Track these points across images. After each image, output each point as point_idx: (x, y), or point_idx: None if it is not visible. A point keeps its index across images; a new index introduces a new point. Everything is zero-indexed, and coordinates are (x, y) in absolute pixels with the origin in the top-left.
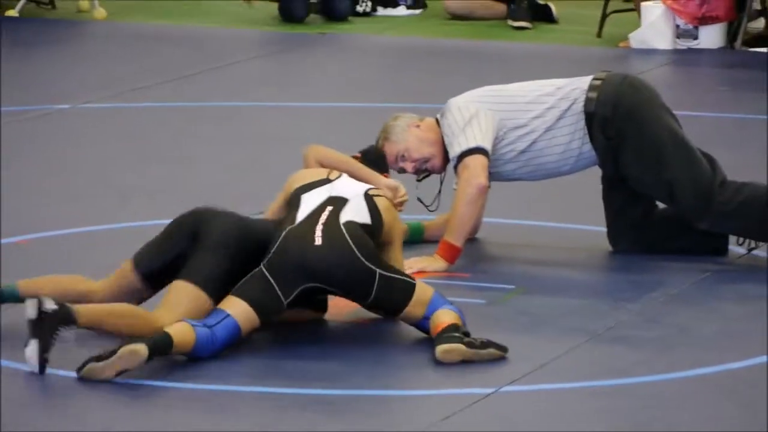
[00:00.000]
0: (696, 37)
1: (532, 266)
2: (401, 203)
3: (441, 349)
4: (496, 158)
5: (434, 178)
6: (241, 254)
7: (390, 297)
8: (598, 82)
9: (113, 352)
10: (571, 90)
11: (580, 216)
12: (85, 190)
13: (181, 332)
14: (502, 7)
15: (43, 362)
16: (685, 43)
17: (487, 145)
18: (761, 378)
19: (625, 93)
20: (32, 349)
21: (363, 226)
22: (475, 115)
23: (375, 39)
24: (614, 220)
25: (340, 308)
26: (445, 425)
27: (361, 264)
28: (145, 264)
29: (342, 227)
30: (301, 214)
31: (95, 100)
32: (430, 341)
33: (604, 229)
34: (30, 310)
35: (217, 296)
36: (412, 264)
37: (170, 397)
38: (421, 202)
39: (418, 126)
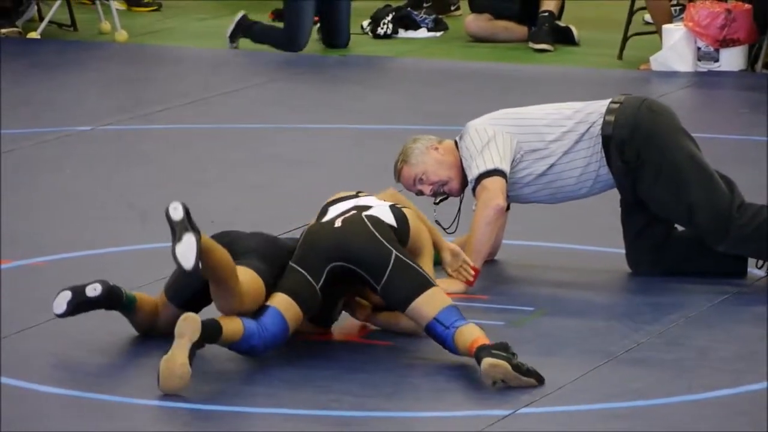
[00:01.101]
0: (717, 60)
1: (551, 288)
2: (460, 272)
3: (488, 362)
4: (514, 182)
5: (453, 201)
6: (275, 266)
7: (403, 282)
8: (616, 105)
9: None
10: (588, 113)
11: (599, 238)
12: (104, 212)
13: (229, 322)
14: (523, 30)
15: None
16: (706, 66)
17: (506, 167)
18: None
19: (644, 116)
20: (189, 245)
21: (387, 225)
22: (493, 138)
23: (396, 61)
24: (633, 243)
25: (352, 326)
26: None
27: (378, 241)
28: (178, 296)
29: (363, 217)
30: (325, 219)
31: (116, 122)
32: (446, 363)
33: (623, 251)
34: (176, 212)
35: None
36: None
37: (187, 417)
38: (439, 224)
39: (436, 149)
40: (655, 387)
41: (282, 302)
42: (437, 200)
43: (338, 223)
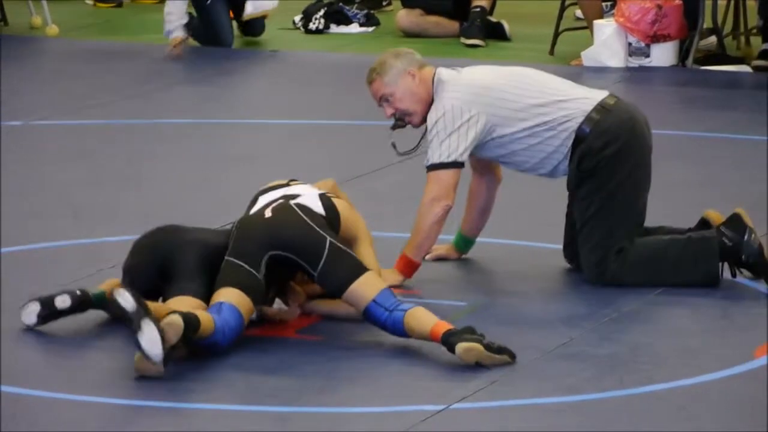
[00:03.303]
0: (648, 55)
1: (486, 283)
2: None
3: (462, 347)
4: (476, 146)
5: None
6: (214, 272)
7: (340, 267)
8: (602, 110)
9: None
10: (573, 108)
11: (533, 234)
12: (37, 208)
13: (204, 316)
14: (454, 25)
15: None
16: (637, 61)
17: (465, 157)
18: (713, 395)
19: (621, 135)
20: (151, 334)
21: (316, 213)
22: (466, 123)
23: (328, 56)
24: (573, 239)
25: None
26: None
27: (311, 228)
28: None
29: (292, 205)
30: (254, 209)
31: (48, 116)
32: (379, 358)
33: (559, 247)
34: (125, 301)
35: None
36: None
37: (120, 414)
38: (394, 147)
39: (413, 76)
40: (589, 382)
41: (233, 296)
42: (394, 125)
43: (268, 213)
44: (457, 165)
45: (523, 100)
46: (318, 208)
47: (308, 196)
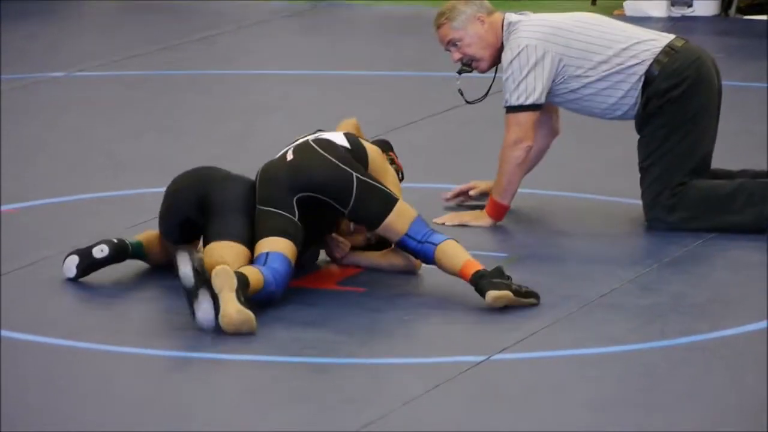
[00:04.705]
0: (690, 5)
1: (527, 235)
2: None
3: (492, 295)
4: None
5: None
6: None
7: (371, 202)
8: (670, 51)
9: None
10: (642, 50)
11: (579, 185)
12: (77, 159)
13: (250, 271)
14: None
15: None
16: (679, 11)
17: (543, 99)
18: (755, 345)
19: (688, 77)
20: (206, 305)
21: (339, 145)
22: (540, 60)
23: (369, 8)
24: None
25: (326, 274)
26: (435, 393)
27: (335, 166)
28: (164, 230)
29: (312, 143)
30: (279, 155)
31: (88, 68)
32: (419, 310)
33: (600, 198)
34: (184, 266)
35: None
36: (457, 217)
37: (162, 365)
38: (461, 94)
39: (483, 22)
40: (629, 332)
41: (276, 244)
42: (461, 70)
43: (290, 156)
44: (534, 107)
45: (595, 42)
46: (342, 141)
47: (331, 133)
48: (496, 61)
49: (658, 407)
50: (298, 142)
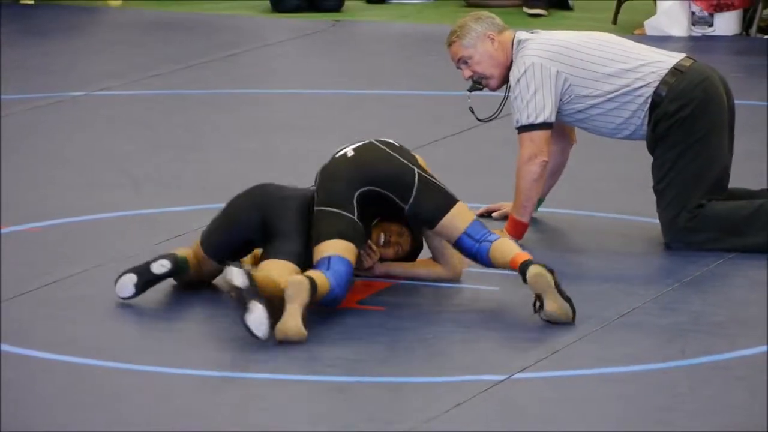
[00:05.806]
0: (711, 24)
1: (547, 253)
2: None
3: (534, 270)
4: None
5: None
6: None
7: (431, 198)
8: (677, 72)
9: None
10: (649, 72)
11: (598, 204)
12: (98, 178)
13: (316, 275)
14: None
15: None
16: (700, 30)
17: (553, 117)
18: None
19: (695, 98)
20: (258, 314)
21: (399, 145)
22: (547, 79)
23: (389, 26)
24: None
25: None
26: (456, 412)
27: (398, 160)
28: (213, 249)
29: (374, 141)
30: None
31: (109, 87)
32: (440, 328)
33: (621, 217)
34: (239, 278)
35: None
36: None
37: (185, 384)
38: (472, 112)
39: (493, 40)
40: (650, 351)
41: (337, 247)
42: (471, 88)
43: (350, 153)
44: (545, 126)
45: (603, 62)
46: (398, 143)
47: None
48: (506, 79)
49: (679, 426)
50: (359, 143)
